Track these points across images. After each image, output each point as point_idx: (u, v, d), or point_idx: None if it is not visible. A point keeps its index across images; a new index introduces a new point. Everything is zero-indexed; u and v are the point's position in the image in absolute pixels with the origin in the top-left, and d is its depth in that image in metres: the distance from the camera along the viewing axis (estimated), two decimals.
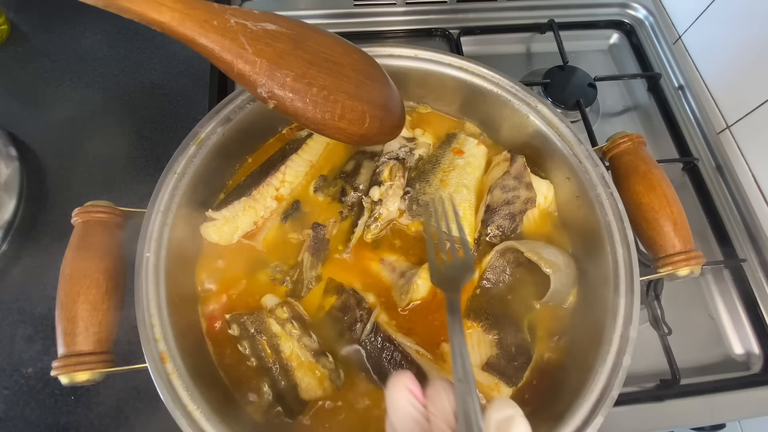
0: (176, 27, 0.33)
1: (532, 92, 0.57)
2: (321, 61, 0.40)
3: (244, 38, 0.35)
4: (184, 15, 0.33)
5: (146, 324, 0.45)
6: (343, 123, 0.42)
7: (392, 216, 0.57)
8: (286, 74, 0.37)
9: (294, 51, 0.38)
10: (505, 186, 0.56)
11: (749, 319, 0.69)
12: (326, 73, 0.40)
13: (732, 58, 0.79)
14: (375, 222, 0.56)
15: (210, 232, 0.54)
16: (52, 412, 0.59)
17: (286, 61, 0.38)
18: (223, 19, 0.35)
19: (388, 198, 0.56)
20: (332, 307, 0.53)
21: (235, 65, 0.36)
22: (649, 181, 0.52)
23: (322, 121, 0.41)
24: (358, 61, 0.44)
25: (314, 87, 0.39)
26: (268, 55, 0.37)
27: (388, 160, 0.58)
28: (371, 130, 0.45)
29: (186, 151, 0.52)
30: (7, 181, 0.69)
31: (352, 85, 0.42)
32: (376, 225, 0.56)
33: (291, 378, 0.50)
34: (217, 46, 0.35)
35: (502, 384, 0.50)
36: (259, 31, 0.36)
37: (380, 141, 0.49)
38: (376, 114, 0.44)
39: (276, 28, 0.38)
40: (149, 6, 0.32)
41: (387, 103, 0.46)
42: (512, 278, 0.55)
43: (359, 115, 0.43)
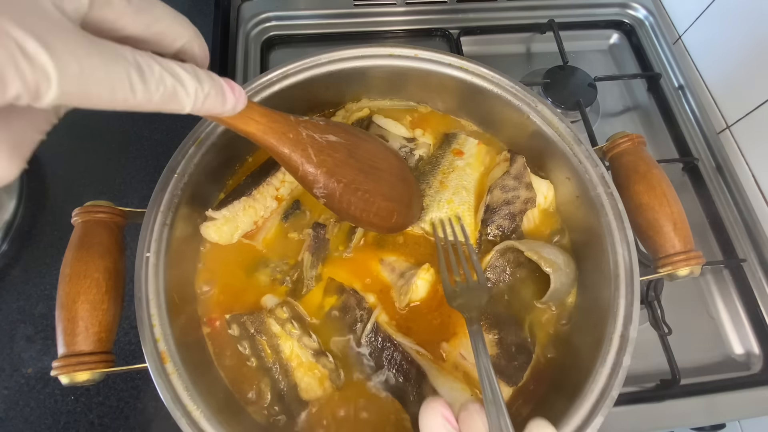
0: (260, 137, 0.39)
1: (532, 92, 0.57)
2: (367, 168, 0.48)
3: (311, 149, 0.42)
4: (267, 128, 0.39)
5: (146, 324, 0.45)
6: (376, 219, 0.49)
7: None
8: (340, 181, 0.44)
9: (347, 160, 0.45)
10: (505, 186, 0.56)
11: (749, 319, 0.69)
12: (370, 179, 0.48)
13: (732, 58, 0.79)
14: None
15: (210, 231, 0.54)
16: (52, 412, 0.59)
17: (341, 170, 0.45)
18: (297, 131, 0.41)
19: None
20: (332, 307, 0.53)
21: (300, 170, 0.42)
22: (649, 181, 0.52)
23: (359, 217, 0.48)
24: (394, 165, 0.52)
25: (359, 191, 0.46)
26: (328, 165, 0.43)
27: None
28: (396, 224, 0.53)
29: (186, 151, 0.52)
30: None
31: (388, 187, 0.50)
32: None
33: (291, 378, 0.50)
34: (290, 154, 0.41)
35: (502, 384, 0.50)
36: (323, 142, 0.43)
37: (400, 230, 0.57)
38: (401, 211, 0.52)
39: (336, 139, 0.45)
40: (242, 120, 0.37)
41: (411, 201, 0.54)
42: (512, 278, 0.55)
43: (389, 213, 0.50)
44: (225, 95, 0.32)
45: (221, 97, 0.32)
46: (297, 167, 0.42)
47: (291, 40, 0.88)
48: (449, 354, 0.52)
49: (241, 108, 0.35)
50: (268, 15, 0.88)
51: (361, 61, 0.59)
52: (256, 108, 0.38)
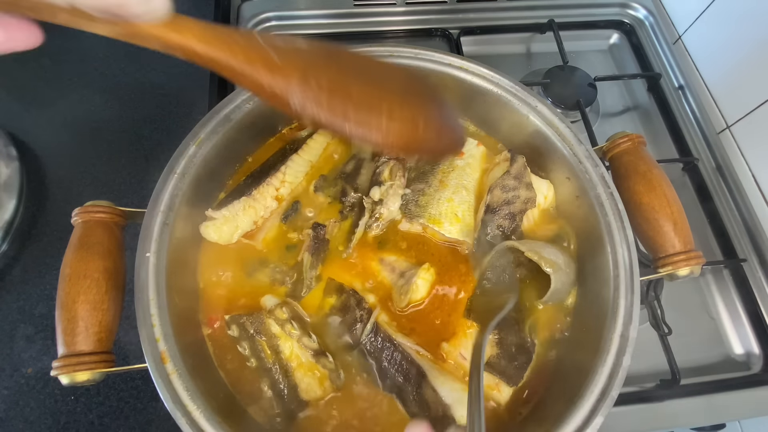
0: (203, 51, 0.31)
1: (532, 92, 0.57)
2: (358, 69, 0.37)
3: (274, 53, 0.33)
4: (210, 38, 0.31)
5: (146, 324, 0.45)
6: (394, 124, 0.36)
7: (393, 216, 0.57)
8: (320, 78, 0.33)
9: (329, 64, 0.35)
10: (505, 186, 0.56)
11: (749, 319, 0.69)
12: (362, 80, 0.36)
13: (732, 57, 0.79)
14: (376, 222, 0.56)
15: (210, 231, 0.54)
16: (52, 412, 0.59)
17: (319, 68, 0.34)
18: (250, 38, 0.33)
19: (389, 198, 0.56)
20: (332, 308, 0.53)
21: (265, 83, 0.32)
22: (649, 181, 0.52)
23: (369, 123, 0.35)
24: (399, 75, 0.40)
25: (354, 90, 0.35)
26: (299, 64, 0.33)
27: (389, 160, 0.58)
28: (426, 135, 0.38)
29: (186, 151, 0.52)
30: (7, 181, 0.69)
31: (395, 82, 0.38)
32: (377, 225, 0.56)
33: (291, 378, 0.50)
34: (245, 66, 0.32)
35: (502, 384, 0.50)
36: (288, 48, 0.34)
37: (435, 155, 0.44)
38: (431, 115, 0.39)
39: (307, 46, 0.35)
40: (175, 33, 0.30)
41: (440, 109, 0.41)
42: (512, 278, 0.55)
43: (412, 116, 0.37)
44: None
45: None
46: (259, 81, 0.32)
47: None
48: (449, 354, 0.52)
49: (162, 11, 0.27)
50: (268, 15, 0.88)
51: None
52: (192, 20, 0.31)
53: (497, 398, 0.50)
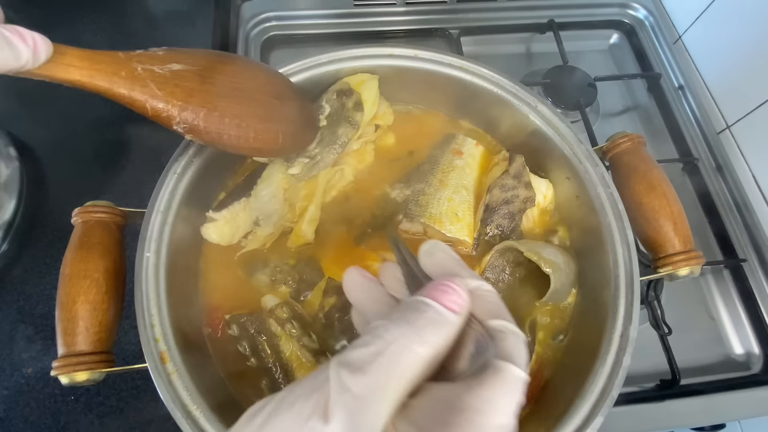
0: (87, 83, 0.35)
1: (532, 92, 0.57)
2: (230, 91, 0.43)
3: (153, 84, 0.38)
4: (92, 71, 0.35)
5: (146, 324, 0.45)
6: (258, 144, 0.45)
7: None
8: (198, 110, 0.40)
9: (201, 86, 0.41)
10: (504, 185, 0.56)
11: (749, 319, 0.69)
12: (236, 101, 0.43)
13: (732, 57, 0.79)
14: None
15: (210, 232, 0.54)
16: (52, 412, 0.59)
17: (196, 98, 0.40)
18: (130, 68, 0.37)
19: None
20: (332, 307, 0.53)
21: (149, 108, 0.38)
22: (649, 181, 0.52)
23: (238, 145, 0.44)
24: (266, 82, 0.47)
25: (226, 117, 0.41)
26: (178, 95, 0.39)
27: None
28: (285, 145, 0.48)
29: (186, 151, 0.52)
30: (7, 181, 0.69)
31: (262, 108, 0.45)
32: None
33: (291, 378, 0.50)
34: (129, 94, 0.37)
35: None
36: (166, 74, 0.39)
37: (295, 151, 0.53)
38: (287, 130, 0.47)
39: (182, 67, 0.40)
40: (58, 69, 0.33)
41: (297, 118, 0.49)
42: (512, 278, 0.55)
43: (273, 135, 0.46)
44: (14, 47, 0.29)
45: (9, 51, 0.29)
46: (143, 106, 0.38)
47: (291, 40, 0.88)
48: None
49: (45, 57, 0.31)
50: (268, 15, 0.88)
51: (361, 61, 0.59)
52: (72, 52, 0.34)
53: None
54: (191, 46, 0.90)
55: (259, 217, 0.55)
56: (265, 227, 0.55)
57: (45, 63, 0.32)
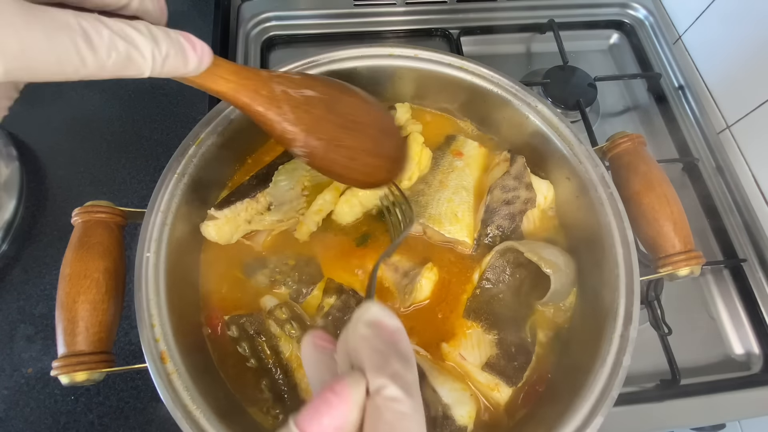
0: (231, 96, 0.37)
1: (532, 92, 0.57)
2: (349, 123, 0.45)
3: (287, 106, 0.40)
4: (238, 86, 0.37)
5: (146, 324, 0.45)
6: (361, 176, 0.47)
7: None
8: (321, 138, 0.42)
9: (327, 116, 0.43)
10: (504, 186, 0.56)
11: (749, 319, 0.69)
12: (352, 135, 0.45)
13: (732, 58, 0.79)
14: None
15: (210, 230, 0.54)
16: (52, 412, 0.59)
17: (321, 126, 0.42)
18: (270, 88, 0.39)
19: None
20: (332, 308, 0.53)
21: (278, 129, 0.40)
22: (649, 181, 0.52)
23: (344, 175, 0.46)
24: (378, 119, 0.49)
25: (342, 148, 0.44)
26: (306, 122, 0.41)
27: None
28: (383, 178, 0.50)
29: (186, 151, 0.52)
30: (7, 181, 0.69)
31: (372, 143, 0.47)
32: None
33: (291, 379, 0.50)
34: (265, 113, 0.39)
35: (502, 384, 0.50)
36: (299, 98, 0.41)
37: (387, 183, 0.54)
38: (386, 166, 0.50)
39: (313, 94, 0.42)
40: (210, 79, 0.35)
41: (396, 154, 0.52)
42: (512, 278, 0.55)
43: (375, 170, 0.48)
44: (186, 54, 0.30)
45: (182, 57, 0.30)
46: (273, 126, 0.40)
47: (291, 40, 0.88)
48: (449, 354, 0.52)
49: (206, 66, 0.33)
50: (268, 15, 0.88)
51: (361, 61, 0.59)
52: (225, 65, 0.36)
53: (496, 398, 0.50)
54: None
55: (272, 203, 0.56)
56: (275, 213, 0.56)
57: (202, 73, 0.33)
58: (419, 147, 0.58)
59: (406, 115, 0.62)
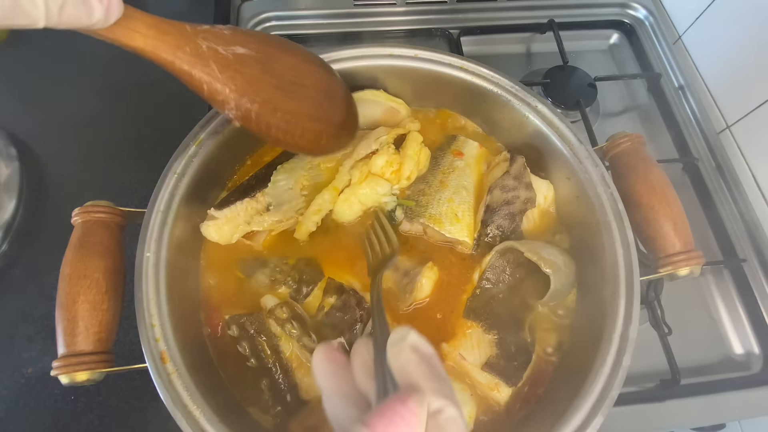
0: (150, 52, 0.35)
1: (532, 92, 0.57)
2: (286, 84, 0.42)
3: (215, 64, 0.37)
4: (156, 41, 0.35)
5: (146, 324, 0.45)
6: (302, 141, 0.45)
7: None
8: (254, 100, 0.39)
9: (261, 76, 0.40)
10: (504, 186, 0.56)
11: (749, 319, 0.69)
12: (290, 96, 0.42)
13: (732, 58, 0.79)
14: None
15: (210, 230, 0.54)
16: (52, 412, 0.59)
17: (254, 87, 0.40)
18: (196, 44, 0.36)
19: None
20: (332, 307, 0.53)
21: (205, 88, 0.37)
22: (649, 181, 0.52)
23: (282, 139, 0.44)
24: (321, 80, 0.46)
25: (279, 111, 0.41)
26: (238, 82, 0.38)
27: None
28: (327, 145, 0.48)
29: (186, 151, 0.52)
30: (7, 181, 0.69)
31: (314, 106, 0.45)
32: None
33: (291, 378, 0.50)
34: (190, 71, 0.36)
35: (501, 384, 0.50)
36: (229, 56, 0.38)
37: (334, 152, 0.53)
38: (332, 132, 0.47)
39: (246, 51, 0.39)
40: (123, 33, 0.33)
41: (344, 120, 0.48)
42: (512, 278, 0.55)
43: (317, 135, 0.45)
44: (89, 3, 0.29)
45: (84, 6, 0.29)
46: (201, 86, 0.37)
47: (291, 40, 0.88)
48: (449, 354, 0.52)
49: (115, 17, 0.31)
50: (268, 15, 0.88)
51: (361, 61, 0.59)
52: (141, 17, 0.34)
53: (496, 398, 0.50)
54: None
55: (271, 203, 0.56)
56: (275, 213, 0.55)
57: (113, 25, 0.32)
58: (418, 146, 0.58)
59: (403, 111, 0.62)
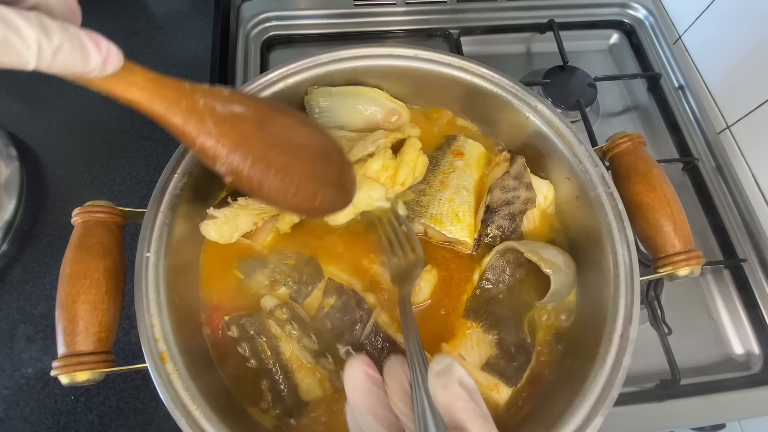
0: (144, 105, 0.34)
1: (532, 92, 0.57)
2: (282, 143, 0.42)
3: (210, 120, 0.37)
4: (153, 95, 0.34)
5: (146, 324, 0.45)
6: (296, 200, 0.44)
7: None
8: (246, 156, 0.39)
9: (257, 133, 0.40)
10: (504, 186, 0.56)
11: (749, 319, 0.69)
12: (285, 154, 0.42)
13: (732, 58, 0.79)
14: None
15: (210, 230, 0.54)
16: (52, 412, 0.59)
17: (248, 143, 0.39)
18: (193, 99, 0.36)
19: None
20: (332, 308, 0.53)
21: (197, 143, 0.37)
22: (649, 181, 0.52)
23: (275, 198, 0.43)
24: (318, 142, 0.46)
25: (272, 168, 0.41)
26: (232, 138, 0.38)
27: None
28: (321, 206, 0.47)
29: (186, 151, 0.52)
30: (7, 181, 0.69)
31: (309, 165, 0.44)
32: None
33: (292, 379, 0.50)
34: (182, 126, 0.36)
35: (501, 384, 0.50)
36: (225, 113, 0.38)
37: (327, 214, 0.52)
38: (327, 192, 0.47)
39: (243, 110, 0.39)
40: (120, 85, 0.32)
41: (340, 181, 0.48)
42: (512, 278, 0.55)
43: (311, 194, 0.45)
44: (87, 51, 0.28)
45: (80, 53, 0.28)
46: (193, 140, 0.37)
47: (291, 40, 0.88)
48: (449, 354, 0.52)
49: (113, 69, 0.30)
50: (268, 15, 0.88)
51: (361, 61, 0.59)
52: (140, 72, 0.34)
53: (496, 399, 0.50)
54: (192, 46, 0.90)
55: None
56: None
57: (110, 77, 0.31)
58: (416, 153, 0.57)
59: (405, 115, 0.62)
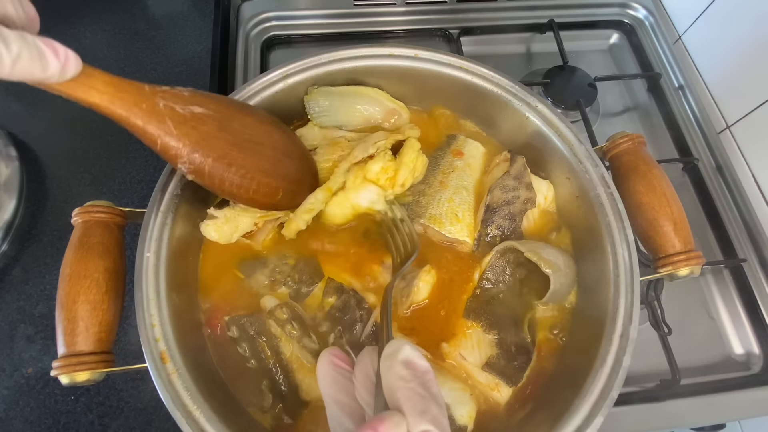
0: (105, 108, 0.35)
1: (532, 92, 0.57)
2: (243, 142, 0.44)
3: (171, 121, 0.38)
4: (113, 98, 0.35)
5: (146, 324, 0.45)
6: (257, 196, 0.46)
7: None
8: (208, 155, 0.41)
9: (218, 133, 0.41)
10: (505, 186, 0.56)
11: (749, 319, 0.69)
12: (246, 153, 0.44)
13: (732, 58, 0.79)
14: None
15: (210, 230, 0.54)
16: (52, 412, 0.59)
17: (208, 143, 0.41)
18: (153, 102, 0.38)
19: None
20: (332, 308, 0.53)
21: (159, 143, 0.38)
22: (649, 181, 0.52)
23: (237, 194, 0.45)
24: (279, 140, 0.48)
25: (233, 166, 0.43)
26: (193, 138, 0.40)
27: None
28: (283, 201, 0.50)
29: None
30: (7, 181, 0.69)
31: (270, 163, 0.46)
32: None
33: (292, 379, 0.50)
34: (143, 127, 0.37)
35: (502, 384, 0.50)
36: (186, 114, 0.39)
37: (290, 208, 0.54)
38: (288, 188, 0.49)
39: (203, 111, 0.41)
40: (80, 89, 0.34)
41: (300, 177, 0.51)
42: (512, 278, 0.55)
43: (273, 190, 0.47)
44: (45, 59, 0.29)
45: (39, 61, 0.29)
46: (154, 140, 0.38)
47: (291, 40, 0.88)
48: (449, 354, 0.52)
49: (72, 74, 0.32)
50: (268, 15, 0.88)
51: (361, 61, 0.59)
52: (100, 76, 0.35)
53: (497, 398, 0.50)
54: (192, 46, 0.89)
55: None
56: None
57: (69, 81, 0.33)
58: (415, 154, 0.57)
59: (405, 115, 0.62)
